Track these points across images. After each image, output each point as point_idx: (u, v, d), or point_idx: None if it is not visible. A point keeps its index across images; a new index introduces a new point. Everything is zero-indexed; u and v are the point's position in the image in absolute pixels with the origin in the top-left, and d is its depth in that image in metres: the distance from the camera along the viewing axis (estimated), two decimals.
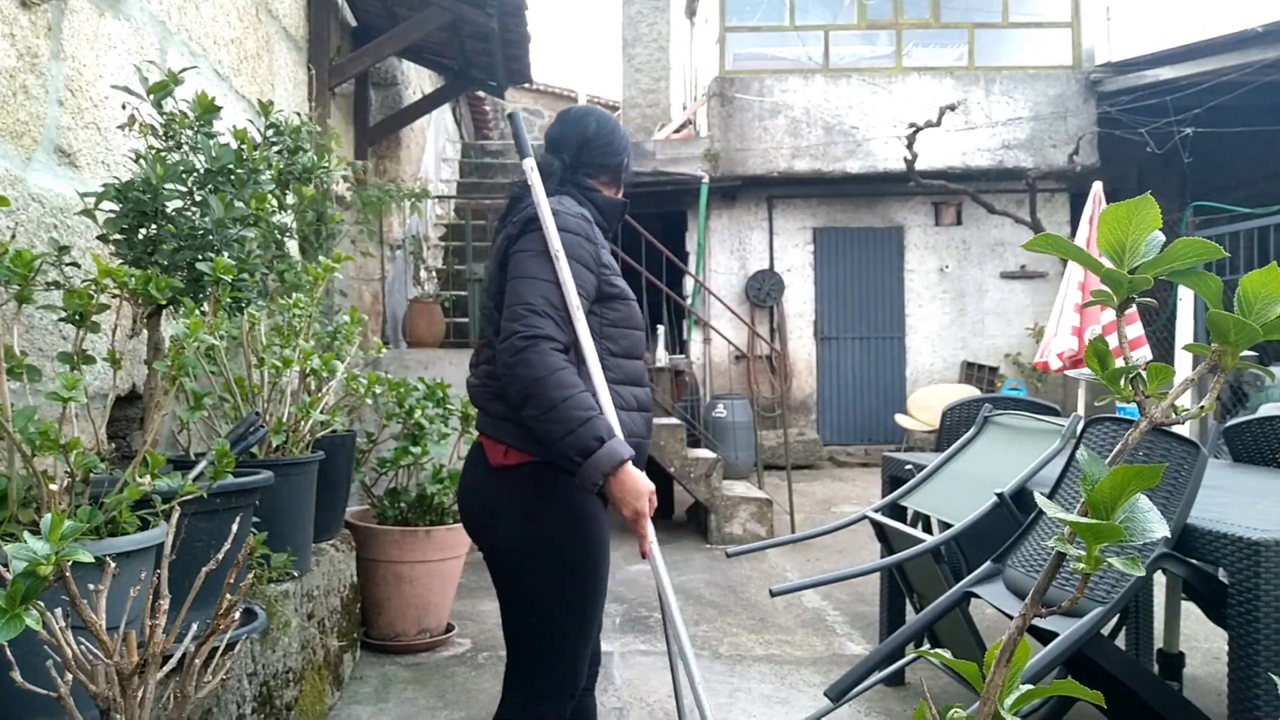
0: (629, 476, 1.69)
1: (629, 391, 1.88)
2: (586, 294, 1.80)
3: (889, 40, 10.06)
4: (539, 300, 1.73)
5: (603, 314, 1.86)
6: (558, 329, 1.72)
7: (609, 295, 1.87)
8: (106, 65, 2.45)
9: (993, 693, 0.79)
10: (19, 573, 1.14)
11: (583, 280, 1.80)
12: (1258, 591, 1.87)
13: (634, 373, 1.90)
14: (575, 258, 1.79)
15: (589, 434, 1.66)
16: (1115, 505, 0.68)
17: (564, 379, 1.68)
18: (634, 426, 1.86)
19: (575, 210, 1.86)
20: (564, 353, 1.72)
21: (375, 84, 6.40)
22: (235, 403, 2.68)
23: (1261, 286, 0.64)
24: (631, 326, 1.91)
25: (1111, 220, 0.70)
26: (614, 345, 1.87)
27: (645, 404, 1.94)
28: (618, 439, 1.70)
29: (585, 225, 1.84)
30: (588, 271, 1.81)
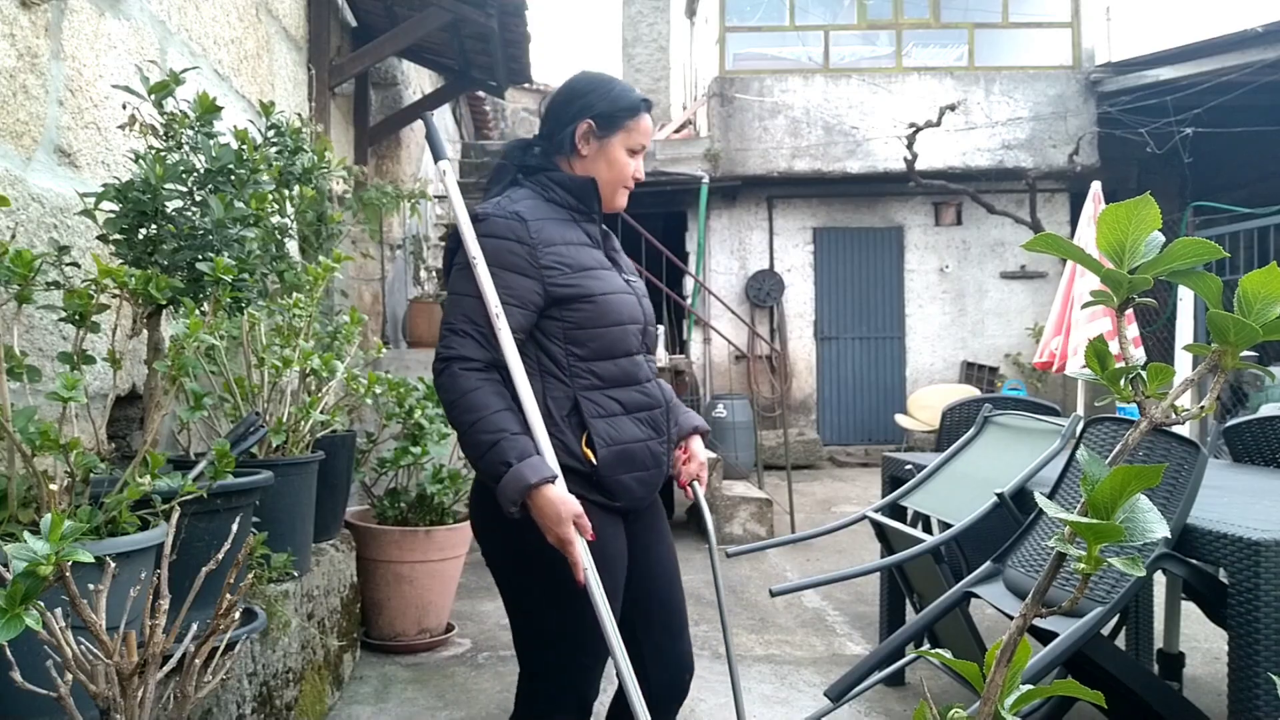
0: (545, 500, 1.57)
1: (614, 394, 1.74)
2: (521, 301, 1.67)
3: (889, 40, 10.06)
4: (458, 318, 1.66)
5: (563, 317, 1.72)
6: (477, 346, 1.64)
7: (565, 297, 1.72)
8: (106, 65, 2.45)
9: (993, 693, 0.79)
10: (19, 573, 1.14)
11: (514, 287, 1.67)
12: (1258, 591, 1.87)
13: (618, 375, 1.75)
14: (502, 265, 1.67)
15: (496, 458, 1.58)
16: (1115, 505, 0.68)
17: (473, 401, 1.61)
18: (620, 433, 1.72)
19: (507, 210, 1.72)
20: (483, 370, 1.64)
21: (375, 84, 6.40)
22: (235, 403, 2.68)
23: (1261, 286, 0.64)
24: (604, 325, 1.73)
25: (1111, 220, 0.70)
26: (581, 349, 1.72)
27: (642, 404, 1.78)
28: (532, 461, 1.58)
29: (515, 226, 1.69)
30: (521, 277, 1.68)
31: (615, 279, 1.80)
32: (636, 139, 1.84)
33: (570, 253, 1.74)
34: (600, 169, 1.83)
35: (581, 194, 1.81)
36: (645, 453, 1.77)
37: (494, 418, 1.60)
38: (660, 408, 1.82)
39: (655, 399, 1.81)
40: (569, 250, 1.74)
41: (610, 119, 1.82)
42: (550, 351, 1.72)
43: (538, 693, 1.77)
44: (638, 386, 1.78)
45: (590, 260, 1.77)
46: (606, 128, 1.82)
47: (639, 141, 1.85)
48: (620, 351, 1.76)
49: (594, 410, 1.71)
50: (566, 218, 1.79)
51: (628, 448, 1.73)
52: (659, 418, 1.81)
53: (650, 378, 1.83)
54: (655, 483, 1.82)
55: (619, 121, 1.82)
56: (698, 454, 1.93)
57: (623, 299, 1.79)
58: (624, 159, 1.83)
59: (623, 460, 1.72)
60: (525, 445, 1.60)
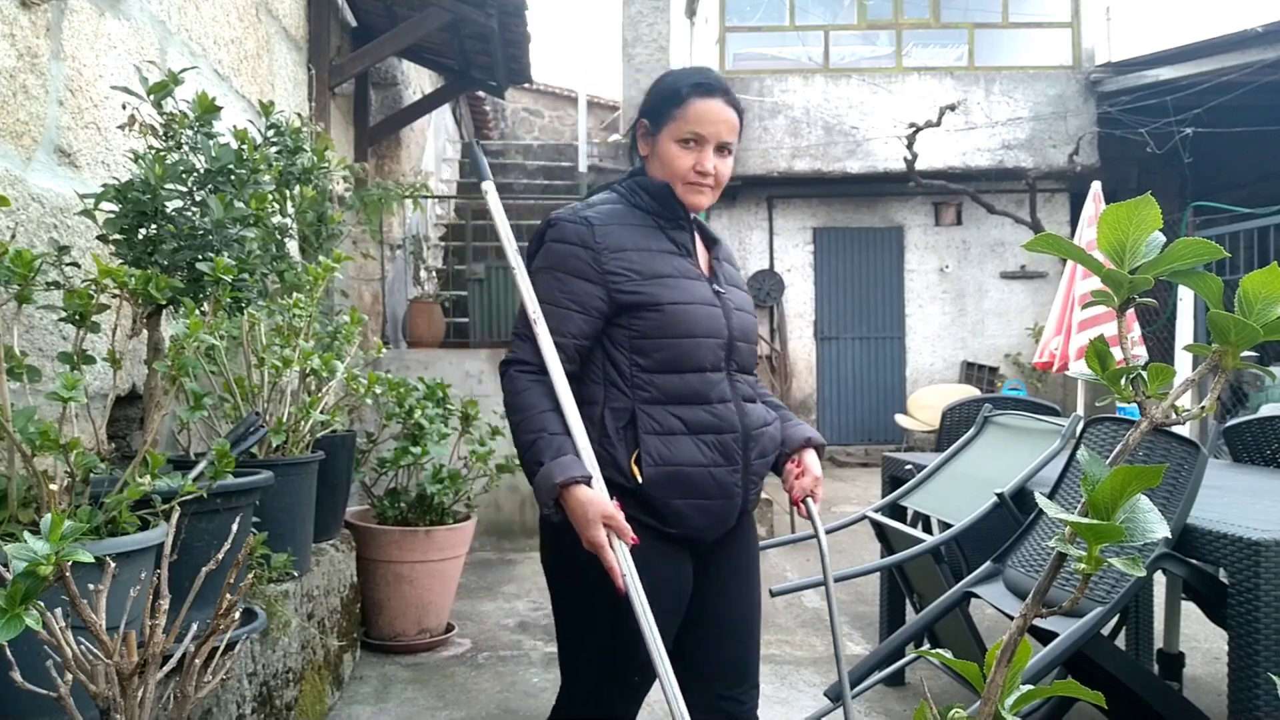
0: (574, 500, 1.51)
1: (676, 411, 1.63)
2: (583, 307, 1.63)
3: (889, 40, 10.06)
4: (519, 325, 1.68)
5: (630, 325, 1.65)
6: (534, 351, 1.63)
7: (631, 304, 1.64)
8: (106, 65, 2.45)
9: (993, 693, 0.79)
10: (19, 573, 1.14)
11: (576, 292, 1.64)
12: (1258, 591, 1.87)
13: (683, 390, 1.63)
14: (566, 270, 1.64)
15: (532, 457, 1.57)
16: (1116, 505, 0.68)
17: (520, 401, 1.61)
18: (675, 454, 1.61)
19: (577, 215, 1.68)
20: (538, 373, 1.62)
21: (375, 84, 6.40)
22: (235, 403, 2.68)
23: (1262, 287, 0.64)
24: (673, 336, 1.63)
25: (1112, 220, 0.70)
26: (645, 360, 1.63)
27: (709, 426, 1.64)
28: (564, 460, 1.53)
29: (581, 231, 1.65)
30: (584, 282, 1.64)
31: (697, 289, 1.69)
32: (687, 127, 1.69)
33: (641, 259, 1.66)
34: (657, 170, 1.74)
35: (661, 198, 1.72)
36: (706, 479, 1.63)
37: (537, 417, 1.58)
38: (734, 433, 1.66)
39: (728, 423, 1.66)
40: (640, 256, 1.66)
41: (656, 113, 1.73)
42: (615, 360, 1.66)
43: (574, 699, 1.71)
44: (707, 406, 1.65)
45: (666, 268, 1.67)
46: (655, 123, 1.74)
47: (691, 130, 1.69)
48: (690, 366, 1.64)
49: (650, 426, 1.62)
50: (650, 224, 1.71)
51: (682, 470, 1.61)
52: (731, 444, 1.66)
53: (726, 399, 1.67)
54: (721, 514, 1.67)
55: (664, 113, 1.72)
56: (811, 468, 1.80)
57: (701, 310, 1.67)
58: (674, 152, 1.70)
59: (675, 483, 1.60)
60: (562, 445, 1.56)
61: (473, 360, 5.74)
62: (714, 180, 1.72)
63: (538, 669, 3.49)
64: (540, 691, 3.25)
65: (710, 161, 1.71)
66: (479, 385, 5.64)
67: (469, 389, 5.47)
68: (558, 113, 15.23)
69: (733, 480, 1.66)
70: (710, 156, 1.71)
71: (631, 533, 1.53)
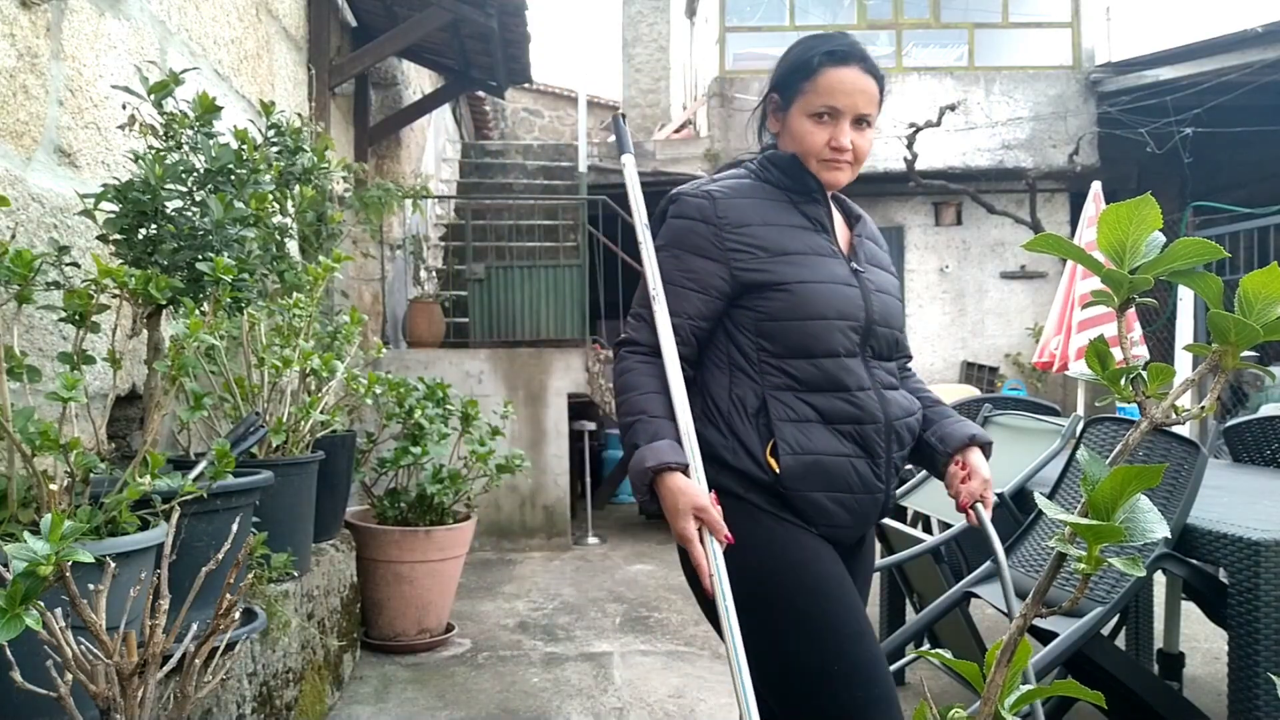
0: (664, 489, 1.41)
1: (810, 399, 1.50)
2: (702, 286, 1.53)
3: (889, 40, 10.06)
4: (639, 303, 1.58)
5: (754, 306, 1.53)
6: (649, 331, 1.53)
7: (755, 284, 1.52)
8: (106, 65, 2.45)
9: (993, 693, 0.79)
10: (19, 573, 1.14)
11: (696, 270, 1.53)
12: (1258, 591, 1.87)
13: (817, 377, 1.50)
14: (685, 247, 1.55)
15: (629, 440, 1.48)
16: (1115, 505, 0.68)
17: (625, 382, 1.52)
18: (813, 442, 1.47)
19: (700, 189, 1.59)
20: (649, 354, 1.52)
21: (375, 84, 6.40)
22: (235, 403, 2.68)
23: (1262, 287, 0.64)
24: (802, 317, 1.50)
25: (1112, 220, 0.70)
26: (772, 344, 1.51)
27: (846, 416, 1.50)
28: (659, 445, 1.43)
29: (703, 205, 1.56)
30: (704, 260, 1.53)
31: (832, 267, 1.56)
32: (819, 100, 1.56)
33: (768, 235, 1.54)
34: (789, 145, 1.62)
35: (791, 170, 1.60)
36: (847, 470, 1.49)
37: (638, 399, 1.49)
38: (876, 424, 1.52)
39: (869, 412, 1.52)
40: (767, 232, 1.54)
41: (786, 85, 1.62)
42: (739, 343, 1.54)
43: None
44: (844, 394, 1.51)
45: (796, 244, 1.55)
46: (785, 96, 1.63)
47: (824, 103, 1.56)
48: (821, 350, 1.51)
49: (783, 413, 1.49)
50: (781, 199, 1.60)
51: (820, 459, 1.47)
52: (872, 435, 1.51)
53: (865, 385, 1.53)
54: (864, 511, 1.53)
55: (794, 86, 1.60)
56: (979, 469, 1.61)
57: (835, 290, 1.54)
58: (805, 128, 1.58)
59: (814, 474, 1.47)
60: (659, 429, 1.45)
61: (473, 360, 5.74)
62: (852, 156, 1.59)
63: (538, 669, 3.49)
64: (540, 691, 3.25)
65: (847, 136, 1.57)
66: (479, 385, 5.64)
67: (469, 389, 5.47)
68: (558, 113, 15.23)
69: (875, 474, 1.52)
70: (847, 131, 1.57)
71: (726, 530, 1.40)
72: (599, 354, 6.32)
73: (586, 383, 5.78)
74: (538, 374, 5.76)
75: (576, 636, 3.90)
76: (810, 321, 1.51)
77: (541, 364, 5.77)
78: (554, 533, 5.73)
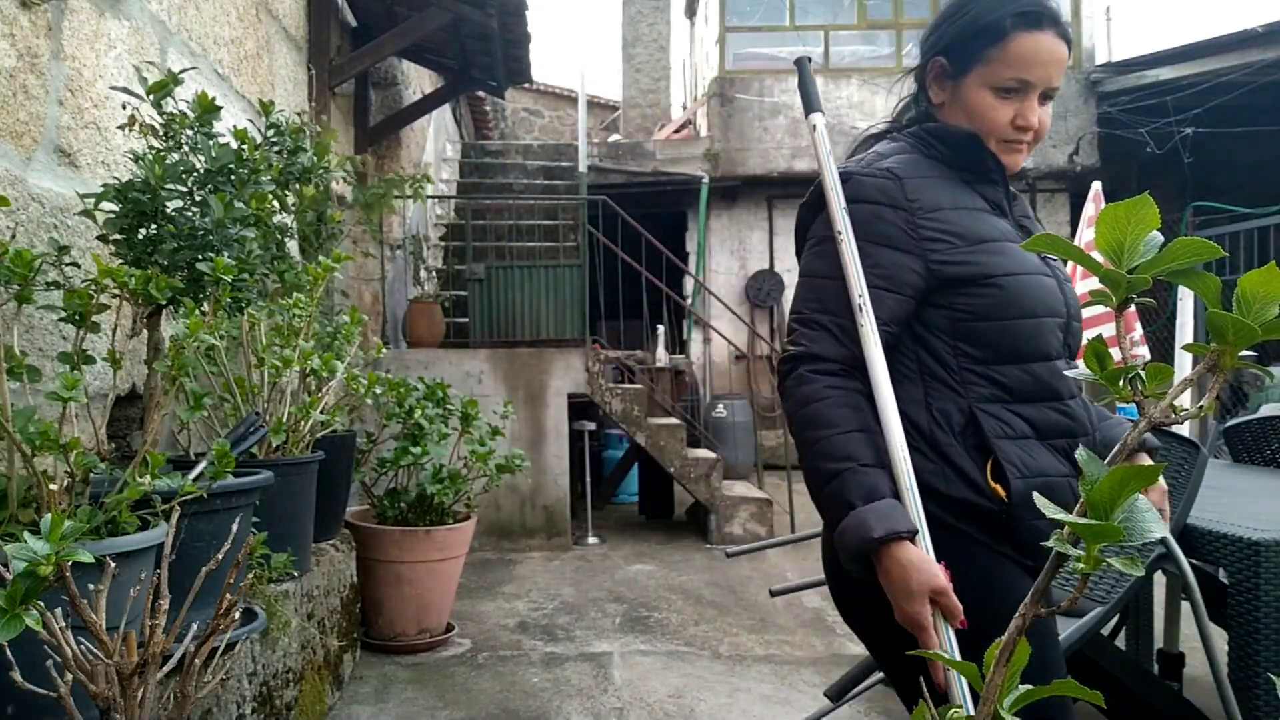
0: (893, 563, 1.15)
1: (1023, 411, 1.29)
2: (893, 283, 1.29)
3: (889, 40, 10.06)
4: (810, 306, 1.32)
5: (953, 305, 1.30)
6: (834, 342, 1.28)
7: (956, 278, 1.29)
8: (106, 65, 2.45)
9: (992, 693, 0.79)
10: (19, 573, 1.14)
11: (885, 265, 1.29)
12: (1258, 591, 1.87)
13: (1030, 386, 1.29)
14: (869, 237, 1.30)
15: (836, 495, 1.21)
16: (1115, 505, 0.68)
17: (817, 414, 1.24)
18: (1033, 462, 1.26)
19: (876, 167, 1.35)
20: (839, 374, 1.27)
21: (375, 84, 6.40)
22: (235, 403, 2.68)
23: (1260, 286, 0.64)
24: (1011, 316, 1.29)
25: (1110, 220, 0.70)
26: (977, 349, 1.29)
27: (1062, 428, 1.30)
28: (882, 506, 1.17)
29: (888, 186, 1.32)
30: (894, 252, 1.30)
31: (1027, 256, 1.34)
32: (1008, 72, 1.32)
33: (963, 220, 1.32)
34: (959, 120, 1.38)
35: (965, 148, 1.37)
36: (1066, 493, 1.25)
37: (841, 440, 1.22)
38: (1087, 435, 1.33)
39: (1080, 423, 1.32)
40: (961, 216, 1.32)
41: (962, 50, 1.36)
42: (933, 349, 1.31)
43: None
44: (1056, 403, 1.31)
45: (991, 230, 1.33)
46: (959, 63, 1.37)
47: (1014, 75, 1.32)
48: (1034, 354, 1.30)
49: (997, 429, 1.26)
50: (955, 178, 1.37)
51: (1048, 481, 1.25)
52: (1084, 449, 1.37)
53: (1075, 393, 1.34)
54: None
55: (973, 51, 1.34)
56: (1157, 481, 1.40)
57: (1039, 282, 1.32)
58: (987, 102, 1.34)
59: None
60: (876, 483, 1.20)
61: (473, 360, 5.74)
62: (1034, 135, 1.37)
63: (538, 669, 3.49)
64: (540, 691, 3.25)
65: (1035, 113, 1.34)
66: (479, 385, 5.64)
67: (469, 389, 5.47)
68: (558, 113, 15.24)
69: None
70: (1034, 106, 1.34)
71: (962, 614, 1.14)
72: (599, 354, 6.32)
73: (586, 383, 5.78)
74: (538, 374, 5.76)
75: (576, 636, 3.90)
76: (1020, 321, 1.29)
77: (541, 364, 5.77)
78: (554, 533, 5.74)
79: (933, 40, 1.41)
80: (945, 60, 1.39)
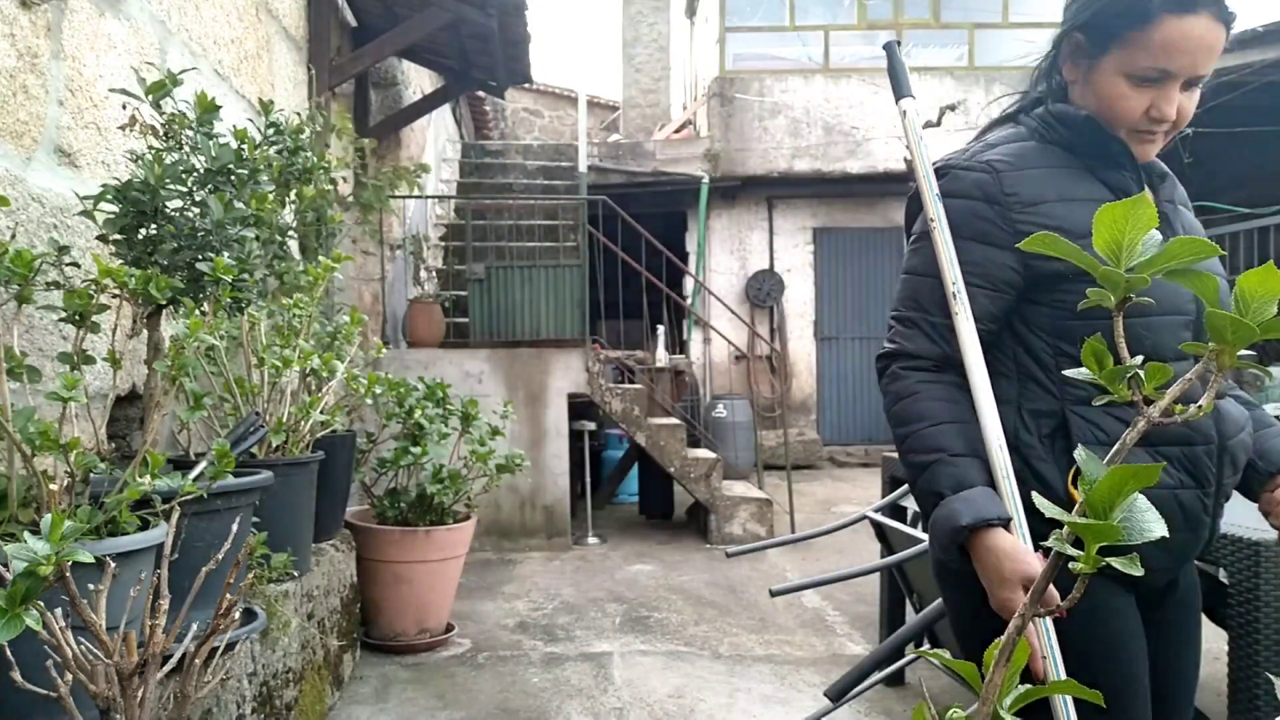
0: (984, 551, 1.13)
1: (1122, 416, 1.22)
2: (988, 280, 1.25)
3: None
4: (906, 304, 1.32)
5: (1053, 302, 1.25)
6: (927, 340, 1.28)
7: (1055, 274, 1.23)
8: (106, 65, 2.45)
9: (991, 692, 0.79)
10: (19, 573, 1.14)
11: (979, 261, 1.25)
12: (1258, 591, 1.87)
13: None
14: (963, 233, 1.27)
15: (927, 486, 1.20)
16: (1113, 505, 0.68)
17: (910, 410, 1.25)
18: None
19: (975, 159, 1.32)
20: (932, 370, 1.27)
21: (375, 84, 6.41)
22: (235, 403, 2.68)
23: (1259, 285, 0.64)
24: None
25: (1107, 219, 0.70)
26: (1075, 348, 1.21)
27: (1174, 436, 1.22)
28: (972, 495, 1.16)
29: (983, 180, 1.29)
30: (988, 248, 1.25)
31: None
32: (1148, 60, 1.22)
33: (1067, 212, 1.25)
34: (1089, 103, 1.31)
35: (1088, 133, 1.30)
36: (1171, 506, 1.20)
37: (931, 433, 1.22)
38: (1209, 444, 1.24)
39: (1200, 431, 1.24)
40: (1065, 209, 1.25)
41: (1102, 29, 1.26)
42: (1031, 347, 1.27)
43: None
44: None
45: None
46: (1097, 41, 1.28)
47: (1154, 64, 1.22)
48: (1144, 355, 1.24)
49: (1090, 434, 1.21)
50: (1075, 164, 1.31)
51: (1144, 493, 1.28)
52: (1203, 459, 1.23)
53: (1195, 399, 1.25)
54: (1183, 551, 1.27)
55: (1115, 32, 1.25)
56: None
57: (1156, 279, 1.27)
58: (1120, 90, 1.25)
59: None
60: (966, 473, 1.18)
61: (473, 360, 5.75)
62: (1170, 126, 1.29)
63: (537, 669, 3.49)
64: (540, 691, 3.25)
65: (1174, 104, 1.25)
66: (479, 385, 5.64)
67: (469, 389, 5.47)
68: (558, 113, 15.24)
69: (1203, 507, 1.25)
70: (1174, 96, 1.24)
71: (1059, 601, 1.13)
72: (599, 354, 6.33)
73: (586, 383, 5.78)
74: (538, 374, 5.76)
75: (576, 636, 3.91)
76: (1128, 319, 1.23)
77: (541, 364, 5.77)
78: (554, 533, 5.74)
79: (1073, 11, 1.33)
80: (1082, 36, 1.31)
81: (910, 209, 1.40)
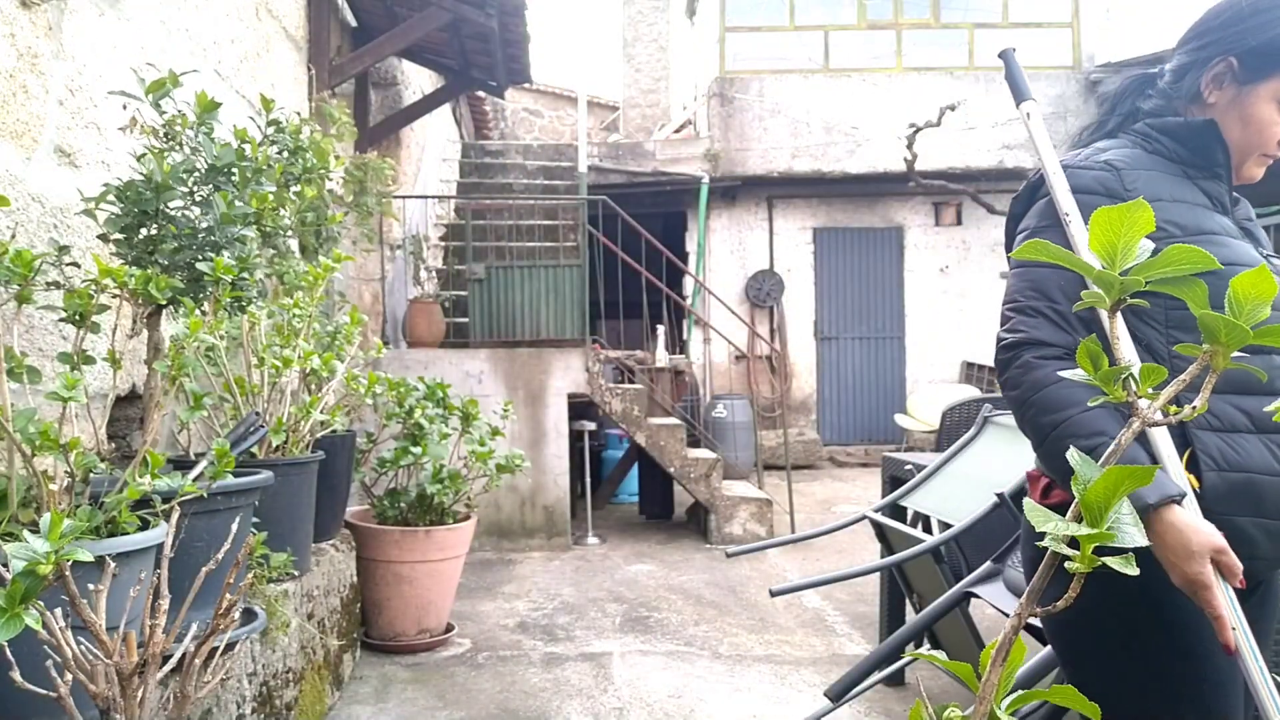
0: (1168, 527, 1.14)
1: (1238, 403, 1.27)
2: None
3: (889, 40, 10.06)
4: (1027, 293, 1.34)
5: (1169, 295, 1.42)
6: (1054, 328, 1.30)
7: None
8: (106, 65, 2.45)
9: (988, 692, 0.79)
10: (19, 572, 1.14)
11: None
12: None
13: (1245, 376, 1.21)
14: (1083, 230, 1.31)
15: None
16: (1108, 506, 0.68)
17: (1056, 397, 1.24)
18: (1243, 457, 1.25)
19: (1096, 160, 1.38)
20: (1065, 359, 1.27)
21: (375, 84, 6.41)
22: (235, 403, 2.68)
23: (1251, 287, 0.64)
24: None
25: (1103, 223, 0.70)
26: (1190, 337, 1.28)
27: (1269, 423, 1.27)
28: None
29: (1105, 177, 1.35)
30: None
31: (1250, 252, 1.34)
32: None
33: (1182, 213, 1.32)
34: (1231, 126, 1.38)
35: (1197, 141, 1.37)
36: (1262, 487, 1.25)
37: (1087, 417, 1.21)
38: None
39: None
40: (1179, 209, 1.33)
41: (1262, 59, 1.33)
42: (1145, 337, 1.32)
43: None
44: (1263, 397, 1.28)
45: (1212, 224, 1.34)
46: (1253, 70, 1.35)
47: None
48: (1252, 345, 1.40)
49: (1203, 420, 1.25)
50: (1177, 172, 1.38)
51: (1252, 479, 1.24)
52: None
53: None
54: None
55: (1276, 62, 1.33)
56: None
57: None
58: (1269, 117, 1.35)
59: (1242, 495, 1.24)
60: (1134, 453, 1.20)
61: (473, 360, 5.75)
62: None
63: (538, 669, 3.49)
64: (540, 691, 3.26)
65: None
66: (479, 385, 5.64)
67: (469, 389, 5.47)
68: (558, 113, 15.24)
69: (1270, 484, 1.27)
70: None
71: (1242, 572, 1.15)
72: (599, 354, 6.33)
73: (586, 383, 5.79)
74: (538, 374, 5.76)
75: (576, 636, 3.91)
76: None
77: (541, 364, 5.78)
78: (554, 533, 5.74)
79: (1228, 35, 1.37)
80: (1236, 62, 1.36)
81: (1014, 209, 1.47)
